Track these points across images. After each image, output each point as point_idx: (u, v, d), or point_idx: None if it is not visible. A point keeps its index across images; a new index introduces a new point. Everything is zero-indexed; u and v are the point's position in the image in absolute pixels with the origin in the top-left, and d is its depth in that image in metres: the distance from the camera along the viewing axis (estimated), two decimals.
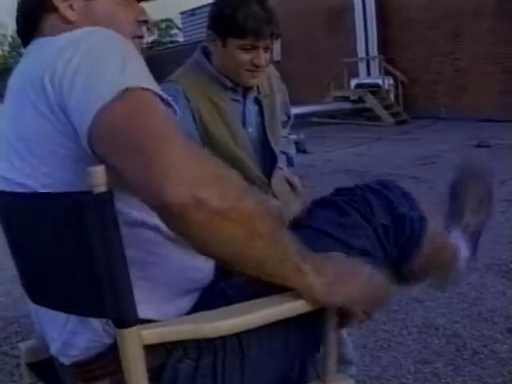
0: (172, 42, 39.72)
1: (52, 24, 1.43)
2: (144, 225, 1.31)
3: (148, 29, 1.64)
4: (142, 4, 1.59)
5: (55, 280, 1.33)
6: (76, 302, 1.30)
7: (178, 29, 40.95)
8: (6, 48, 77.28)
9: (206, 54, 2.44)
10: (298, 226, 1.70)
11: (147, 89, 1.19)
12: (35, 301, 1.45)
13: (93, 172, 1.12)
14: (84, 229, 1.17)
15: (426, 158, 10.05)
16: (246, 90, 2.45)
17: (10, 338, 3.69)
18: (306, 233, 1.62)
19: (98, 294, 1.20)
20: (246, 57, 2.30)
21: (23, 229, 1.36)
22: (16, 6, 1.49)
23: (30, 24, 1.46)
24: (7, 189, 1.32)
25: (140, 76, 1.22)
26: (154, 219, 1.28)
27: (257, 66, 2.32)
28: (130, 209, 1.28)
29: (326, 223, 1.64)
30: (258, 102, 2.50)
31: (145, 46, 1.63)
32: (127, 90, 1.16)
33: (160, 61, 18.47)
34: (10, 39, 77.27)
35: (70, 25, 1.41)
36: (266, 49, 2.32)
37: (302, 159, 9.33)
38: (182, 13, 31.13)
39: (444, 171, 8.37)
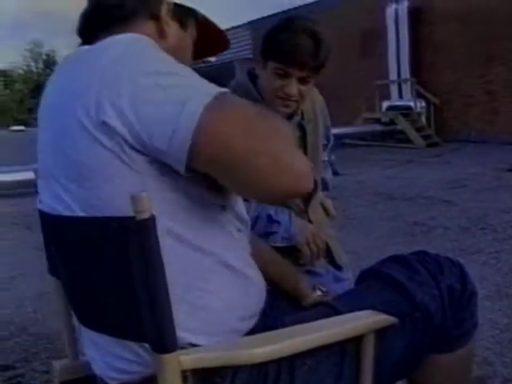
0: (204, 62, 40.00)
1: (147, 28, 1.45)
2: (200, 250, 1.32)
3: None
4: None
5: (98, 302, 1.35)
6: (117, 325, 1.31)
7: None
8: (40, 65, 78.48)
9: (252, 76, 2.45)
10: (366, 271, 1.76)
11: (225, 91, 1.26)
12: (81, 321, 1.46)
13: (137, 198, 1.13)
14: (127, 253, 1.18)
15: (457, 181, 9.98)
16: (289, 115, 2.42)
17: (39, 354, 3.70)
18: (374, 273, 1.71)
19: (139, 318, 1.21)
20: (278, 82, 2.28)
21: (70, 250, 1.37)
22: None
23: (116, 17, 1.45)
24: (58, 207, 1.34)
25: (210, 83, 1.28)
26: (209, 245, 1.32)
27: (287, 95, 2.30)
28: (187, 232, 1.30)
29: (394, 271, 1.66)
30: (301, 127, 2.48)
31: None
32: (216, 98, 1.20)
33: None
34: (44, 57, 78.57)
35: (162, 41, 1.45)
36: (304, 80, 2.29)
37: (333, 181, 9.31)
38: None
39: (475, 194, 8.33)
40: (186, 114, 1.17)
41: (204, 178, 1.27)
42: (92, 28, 1.47)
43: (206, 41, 1.64)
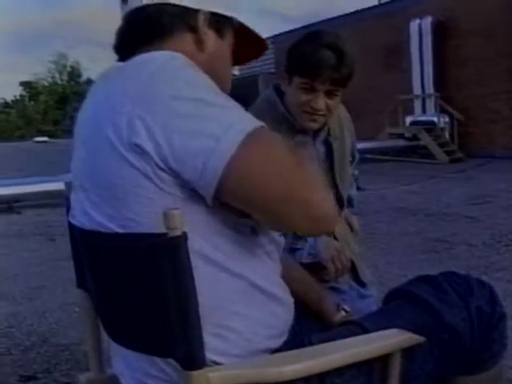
0: None
1: (184, 41, 1.45)
2: (229, 272, 1.33)
3: None
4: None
5: (127, 317, 1.35)
6: (145, 341, 1.31)
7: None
8: (65, 77, 79.19)
9: (279, 91, 2.45)
10: (394, 291, 1.76)
11: (260, 127, 1.26)
12: (110, 335, 1.47)
13: (169, 215, 1.13)
14: (157, 269, 1.18)
15: (480, 198, 9.91)
16: (316, 131, 2.43)
17: (60, 365, 3.70)
18: (402, 293, 1.70)
19: (167, 334, 1.21)
20: (304, 97, 2.29)
21: (101, 265, 1.38)
22: (143, 5, 1.46)
23: (153, 32, 1.44)
24: (88, 224, 1.34)
25: (245, 113, 1.28)
26: (238, 267, 1.33)
27: (315, 109, 2.30)
28: (217, 253, 1.30)
29: (424, 292, 1.65)
30: (327, 143, 2.49)
31: None
32: (250, 135, 1.20)
33: None
34: (69, 69, 79.29)
35: (200, 53, 1.46)
36: (330, 94, 2.29)
37: (357, 196, 9.27)
38: None
39: (499, 211, 8.26)
40: (219, 151, 1.18)
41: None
42: (128, 45, 1.46)
43: (244, 46, 1.63)
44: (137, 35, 1.45)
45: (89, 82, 74.10)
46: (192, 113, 1.21)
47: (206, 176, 1.19)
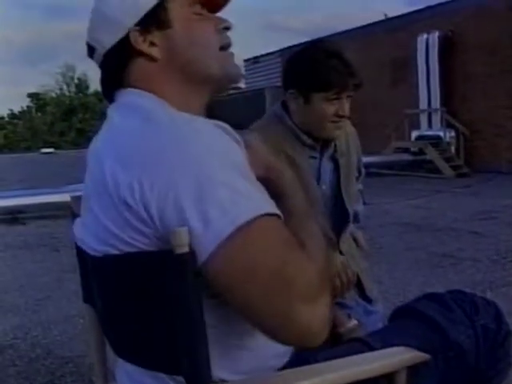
0: (234, 89, 40.19)
1: (137, 69, 1.41)
2: None
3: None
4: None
5: (134, 334, 1.35)
6: (152, 358, 1.31)
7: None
8: (73, 89, 79.45)
9: (286, 107, 2.46)
10: (401, 308, 1.76)
11: (263, 214, 1.17)
12: (115, 351, 1.46)
13: (176, 232, 1.13)
14: (164, 286, 1.18)
15: (486, 213, 9.88)
16: (324, 147, 2.46)
17: (65, 377, 3.70)
18: (408, 311, 1.71)
19: (174, 351, 1.21)
20: (331, 109, 2.32)
21: (108, 282, 1.37)
22: (100, 60, 1.46)
23: (117, 79, 1.44)
24: (95, 243, 1.33)
25: (252, 194, 1.19)
26: None
27: (341, 117, 2.34)
28: None
29: (429, 309, 1.66)
30: (334, 159, 2.50)
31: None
32: (246, 223, 1.14)
33: (224, 106, 18.79)
34: (76, 81, 79.57)
35: (155, 64, 1.40)
36: (348, 97, 2.35)
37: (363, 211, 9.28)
38: (245, 60, 31.53)
39: (504, 227, 8.24)
40: (206, 239, 1.14)
41: None
42: (108, 92, 1.48)
43: None
44: (111, 80, 1.46)
45: (96, 93, 74.37)
46: (181, 188, 1.16)
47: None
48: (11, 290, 6.04)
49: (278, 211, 1.21)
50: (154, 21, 1.40)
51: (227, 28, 1.48)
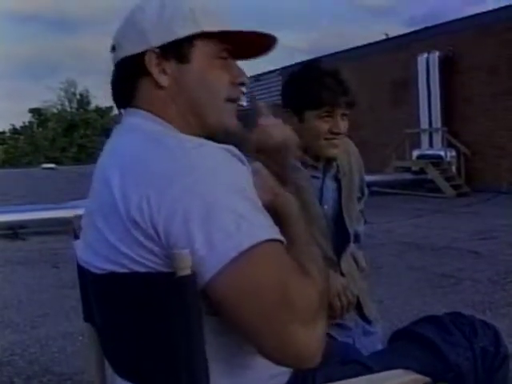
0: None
1: (145, 88, 1.43)
2: None
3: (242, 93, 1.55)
4: (239, 62, 1.53)
5: (133, 353, 1.35)
6: (151, 377, 1.31)
7: (242, 93, 41.69)
8: (74, 105, 79.59)
9: None
10: (400, 331, 1.78)
11: (267, 240, 1.19)
12: (115, 369, 1.46)
13: (178, 255, 1.14)
14: (165, 308, 1.19)
15: (486, 233, 9.89)
16: (326, 167, 2.47)
17: None
18: (407, 333, 1.72)
19: (174, 370, 1.21)
20: (324, 126, 2.33)
21: (108, 302, 1.37)
22: (117, 61, 1.47)
23: (125, 89, 1.46)
24: (96, 261, 1.33)
25: (257, 220, 1.21)
26: None
27: (335, 134, 2.35)
28: None
29: (428, 331, 1.66)
30: (336, 179, 2.51)
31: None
32: (249, 248, 1.16)
33: None
34: (78, 97, 79.72)
35: (161, 91, 1.41)
36: (343, 115, 2.36)
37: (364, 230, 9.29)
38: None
39: (504, 247, 8.23)
40: (210, 261, 1.15)
41: None
42: (116, 98, 1.51)
43: (247, 43, 1.49)
44: (120, 93, 1.49)
45: (97, 110, 74.52)
46: (186, 211, 1.18)
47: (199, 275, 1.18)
48: (10, 305, 6.04)
49: (281, 237, 1.23)
50: (175, 51, 1.41)
51: (242, 84, 1.51)
